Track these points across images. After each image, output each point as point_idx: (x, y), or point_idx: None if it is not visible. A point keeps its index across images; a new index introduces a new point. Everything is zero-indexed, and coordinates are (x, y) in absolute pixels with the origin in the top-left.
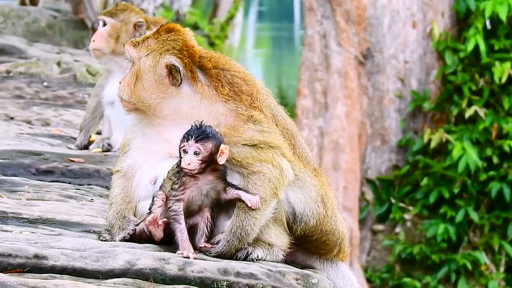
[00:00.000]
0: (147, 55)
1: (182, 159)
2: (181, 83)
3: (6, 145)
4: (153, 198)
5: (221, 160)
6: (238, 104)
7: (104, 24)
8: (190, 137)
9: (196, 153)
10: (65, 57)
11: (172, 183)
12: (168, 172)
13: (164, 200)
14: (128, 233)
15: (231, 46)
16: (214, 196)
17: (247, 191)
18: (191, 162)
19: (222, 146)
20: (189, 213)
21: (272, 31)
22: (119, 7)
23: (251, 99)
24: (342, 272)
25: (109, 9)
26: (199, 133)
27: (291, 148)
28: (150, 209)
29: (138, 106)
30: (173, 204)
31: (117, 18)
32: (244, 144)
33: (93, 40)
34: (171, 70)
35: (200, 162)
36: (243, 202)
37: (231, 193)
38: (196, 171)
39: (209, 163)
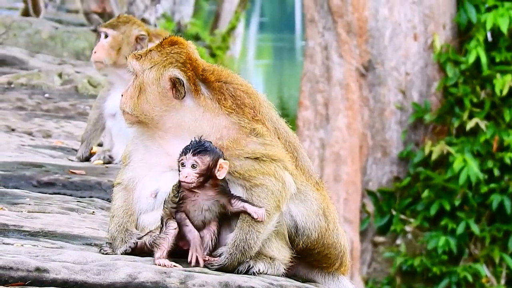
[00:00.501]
0: (150, 68)
1: (180, 173)
2: (184, 96)
3: (8, 157)
4: (165, 226)
5: (220, 175)
6: (241, 117)
7: (106, 36)
8: (188, 150)
9: (193, 166)
10: (67, 69)
11: (173, 196)
12: (172, 187)
13: (177, 230)
14: (130, 246)
15: (232, 57)
16: (218, 211)
17: (252, 204)
18: (188, 175)
19: (221, 161)
20: (195, 228)
21: (274, 42)
22: (121, 19)
23: (254, 112)
24: (343, 286)
25: (111, 21)
26: (197, 147)
27: (294, 161)
28: (159, 235)
29: (141, 119)
30: (176, 214)
31: (118, 30)
32: (247, 157)
33: (95, 52)
34: (175, 83)
35: (197, 175)
36: (249, 214)
37: (237, 206)
38: (194, 184)
39: (208, 178)
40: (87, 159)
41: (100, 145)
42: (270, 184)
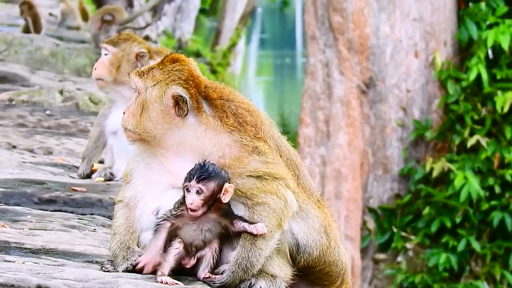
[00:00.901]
0: (153, 85)
1: (185, 198)
2: (187, 113)
3: (9, 174)
4: (168, 244)
5: (225, 198)
6: (243, 135)
7: (106, 53)
8: (192, 176)
9: (198, 193)
10: (68, 85)
11: (172, 208)
12: (175, 202)
13: (180, 249)
14: (131, 264)
15: (233, 73)
16: (219, 231)
17: (252, 223)
18: (194, 201)
19: (226, 185)
20: (196, 247)
21: (274, 59)
22: (122, 36)
23: (256, 130)
24: None
25: (112, 38)
26: (201, 173)
27: (295, 179)
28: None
29: (143, 137)
30: (162, 220)
31: (119, 47)
32: (249, 176)
33: (95, 68)
34: (178, 101)
35: (202, 202)
36: (250, 233)
37: (238, 226)
38: (200, 212)
39: (213, 202)
40: (88, 176)
41: (101, 162)
42: (272, 203)
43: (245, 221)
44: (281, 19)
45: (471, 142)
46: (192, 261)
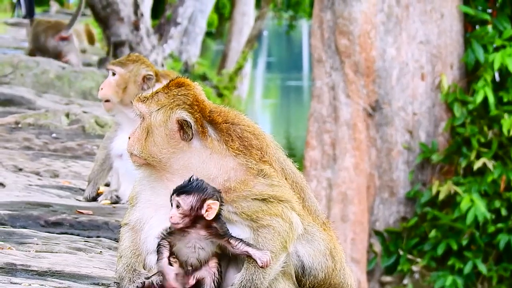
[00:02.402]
0: (158, 110)
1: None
2: (192, 138)
3: (15, 196)
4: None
5: (209, 215)
6: (248, 158)
7: (114, 74)
8: (174, 190)
9: (177, 207)
10: (74, 108)
11: (167, 227)
12: None
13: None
14: (138, 286)
15: (239, 96)
16: (213, 250)
17: (257, 248)
18: (173, 215)
19: (210, 202)
20: (192, 266)
21: (281, 82)
22: (130, 58)
23: (261, 153)
24: None
25: (120, 59)
26: (181, 187)
27: (301, 202)
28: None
29: (149, 161)
30: (161, 239)
31: (126, 68)
32: (254, 199)
33: (101, 88)
34: (182, 125)
35: (181, 215)
36: (254, 260)
37: (240, 249)
38: (180, 225)
39: (195, 218)
40: (94, 199)
41: (107, 185)
42: (277, 225)
43: (249, 244)
44: (288, 42)
45: (477, 164)
46: (191, 281)
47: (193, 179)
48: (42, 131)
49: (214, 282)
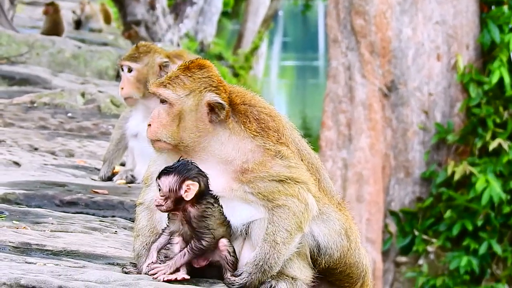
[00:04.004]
0: (187, 95)
1: None
2: (221, 119)
3: (30, 176)
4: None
5: (187, 196)
6: (266, 140)
7: (129, 70)
8: (158, 173)
9: (159, 189)
10: (89, 88)
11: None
12: None
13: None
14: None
15: (255, 76)
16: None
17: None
18: (156, 198)
19: (188, 182)
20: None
21: (297, 62)
22: (142, 50)
23: (278, 135)
24: None
25: (131, 54)
26: (162, 170)
27: (316, 183)
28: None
29: (179, 146)
30: (169, 238)
31: (142, 62)
32: (272, 180)
33: (122, 88)
34: (213, 108)
35: (163, 198)
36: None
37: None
38: (163, 207)
39: (178, 200)
40: (110, 178)
41: (123, 164)
42: (293, 206)
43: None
44: (304, 22)
45: (493, 145)
46: (202, 262)
47: (177, 161)
48: (57, 110)
49: (228, 264)
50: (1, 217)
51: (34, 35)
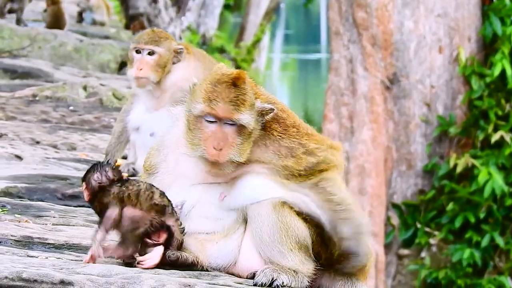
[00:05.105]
0: (251, 114)
1: None
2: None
3: (32, 169)
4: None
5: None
6: (291, 139)
7: (150, 53)
8: None
9: None
10: (91, 81)
11: None
12: None
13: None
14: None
15: (257, 69)
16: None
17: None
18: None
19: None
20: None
21: (299, 55)
22: (161, 35)
23: (297, 130)
24: None
25: (152, 37)
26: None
27: None
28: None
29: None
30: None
31: (163, 46)
32: (307, 175)
33: (140, 69)
34: (263, 114)
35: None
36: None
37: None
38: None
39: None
40: None
41: (125, 158)
42: (331, 176)
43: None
44: (305, 15)
45: (495, 137)
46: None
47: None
48: (59, 103)
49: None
50: (3, 211)
51: (36, 28)
